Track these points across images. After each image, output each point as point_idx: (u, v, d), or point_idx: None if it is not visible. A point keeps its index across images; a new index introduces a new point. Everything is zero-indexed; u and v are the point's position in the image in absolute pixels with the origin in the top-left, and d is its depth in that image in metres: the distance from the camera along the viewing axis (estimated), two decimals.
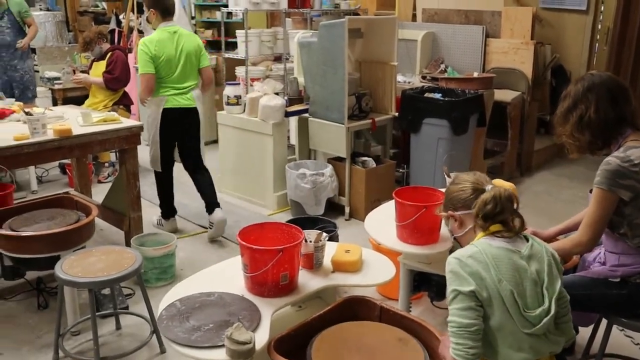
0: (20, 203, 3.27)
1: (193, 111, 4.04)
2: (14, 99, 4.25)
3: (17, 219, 2.99)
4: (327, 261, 2.33)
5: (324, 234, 2.30)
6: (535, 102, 5.64)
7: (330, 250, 2.35)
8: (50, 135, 3.25)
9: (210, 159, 6.06)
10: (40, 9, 8.51)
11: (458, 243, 2.04)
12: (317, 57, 4.40)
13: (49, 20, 8.14)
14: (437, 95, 4.59)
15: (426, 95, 4.62)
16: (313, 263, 2.27)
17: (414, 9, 6.27)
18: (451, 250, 2.35)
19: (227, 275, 2.27)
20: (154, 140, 3.96)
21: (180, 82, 3.93)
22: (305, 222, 3.49)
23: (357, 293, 2.34)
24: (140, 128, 3.64)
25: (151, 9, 3.93)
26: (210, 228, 4.12)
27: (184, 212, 4.56)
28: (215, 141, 6.64)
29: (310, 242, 2.24)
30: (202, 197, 4.17)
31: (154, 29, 4.01)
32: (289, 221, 3.27)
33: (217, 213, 4.07)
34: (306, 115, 4.66)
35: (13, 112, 3.70)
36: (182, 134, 4.07)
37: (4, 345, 2.94)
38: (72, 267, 2.57)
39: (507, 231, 1.82)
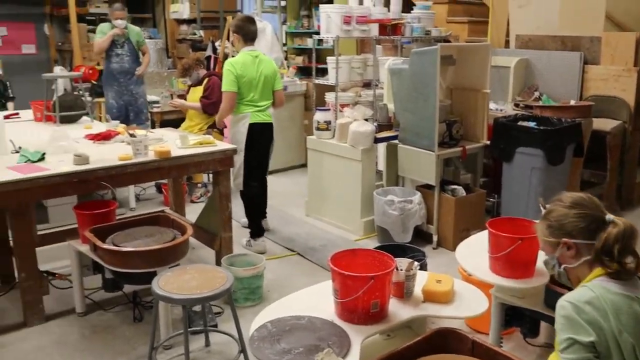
0: (121, 219, 3.44)
1: (271, 127, 4.37)
2: (117, 122, 4.51)
3: (119, 234, 3.14)
4: (417, 290, 2.30)
5: (416, 263, 2.28)
6: (638, 132, 5.35)
7: (421, 280, 2.32)
8: (151, 156, 3.42)
9: (297, 182, 6.21)
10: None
11: (559, 274, 1.87)
12: (407, 83, 4.40)
13: (150, 48, 8.61)
14: (532, 124, 4.45)
15: (520, 123, 4.49)
16: (403, 292, 2.25)
17: (507, 35, 6.15)
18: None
19: (317, 299, 2.29)
20: (239, 157, 4.19)
21: (259, 101, 4.26)
22: (392, 249, 3.45)
23: (445, 324, 2.29)
24: (234, 151, 3.76)
25: (235, 34, 4.29)
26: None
27: (272, 234, 4.65)
28: (303, 165, 6.77)
29: (402, 270, 2.22)
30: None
31: (237, 52, 4.31)
32: (377, 248, 3.26)
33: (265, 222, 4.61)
34: (395, 141, 4.65)
35: (118, 133, 3.93)
36: (261, 148, 4.36)
37: (103, 354, 3.09)
38: (167, 283, 2.67)
39: (625, 273, 1.65)
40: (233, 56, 6.30)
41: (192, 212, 4.62)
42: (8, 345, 3.16)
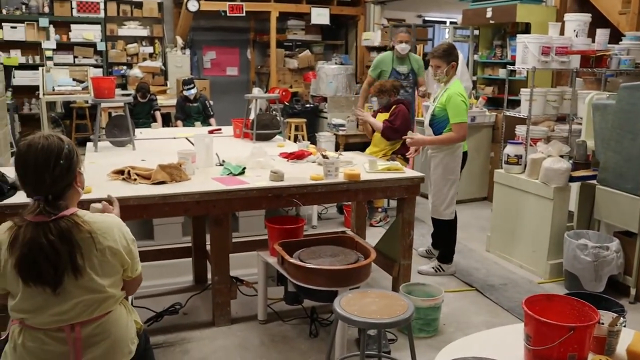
0: (308, 237, 3.58)
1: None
2: (309, 142, 4.71)
3: (305, 251, 3.27)
4: (620, 349, 2.07)
5: (622, 319, 2.05)
6: None
7: (625, 337, 2.08)
8: (341, 178, 3.53)
9: (478, 215, 6.01)
10: (335, 63, 9.42)
11: None
12: (613, 120, 4.06)
13: (341, 73, 8.98)
14: None
15: None
16: (604, 349, 2.04)
17: None
18: None
19: (503, 342, 2.16)
20: (453, 186, 4.26)
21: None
22: (584, 298, 3.14)
23: None
24: (421, 179, 3.74)
25: (453, 62, 4.21)
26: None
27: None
28: (484, 198, 6.55)
29: (603, 324, 2.02)
30: None
31: (444, 82, 4.23)
32: (568, 294, 3.02)
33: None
34: (592, 181, 4.30)
35: (310, 154, 4.11)
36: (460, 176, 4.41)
37: None
38: (348, 304, 2.70)
39: None
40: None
41: (371, 235, 4.67)
42: (198, 340, 3.42)
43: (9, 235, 1.85)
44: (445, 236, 4.44)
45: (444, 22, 11.24)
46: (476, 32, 7.40)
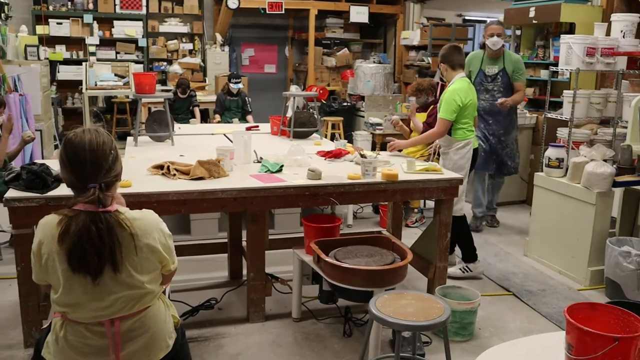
0: (344, 236, 3.57)
1: (477, 153, 4.40)
2: (346, 141, 4.68)
3: (341, 250, 3.26)
4: None
5: None
6: None
7: None
8: (378, 178, 3.51)
9: (517, 219, 5.91)
10: (373, 62, 9.38)
11: None
12: None
13: (378, 72, 8.94)
14: None
15: None
16: None
17: None
18: None
19: (543, 350, 2.11)
20: (461, 182, 4.10)
21: (472, 127, 4.24)
22: (627, 307, 3.07)
23: None
24: (460, 181, 3.69)
25: (442, 64, 4.27)
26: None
27: (487, 271, 4.47)
28: (524, 201, 6.44)
29: None
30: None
31: (448, 81, 4.26)
32: (610, 302, 2.94)
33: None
34: (637, 187, 4.18)
35: (348, 152, 4.10)
36: (469, 173, 4.37)
37: None
38: (384, 305, 2.69)
39: None
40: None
41: (406, 236, 4.63)
42: (232, 335, 3.45)
43: (58, 228, 1.88)
44: (459, 234, 4.32)
45: (485, 22, 11.06)
46: (518, 32, 7.26)
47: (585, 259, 4.26)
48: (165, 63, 9.84)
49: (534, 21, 6.52)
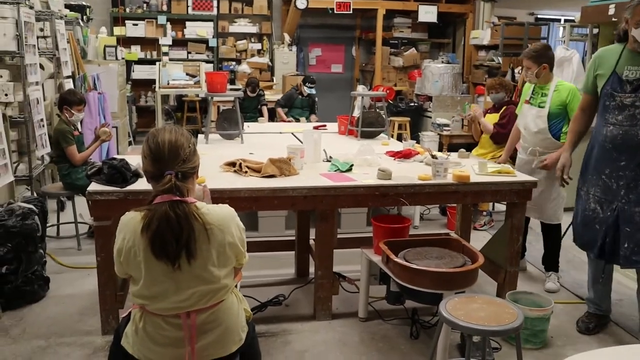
0: (413, 237, 3.54)
1: None
2: (414, 142, 4.63)
3: (410, 251, 3.23)
4: None
5: None
6: None
7: None
8: (449, 179, 3.46)
9: None
10: (442, 62, 9.25)
11: None
12: None
13: (447, 72, 8.81)
14: None
15: None
16: None
17: None
18: None
19: None
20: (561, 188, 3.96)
21: None
22: None
23: None
24: (534, 184, 3.59)
25: (544, 64, 3.96)
26: None
27: (561, 279, 4.32)
28: None
29: None
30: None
31: (542, 83, 4.02)
32: None
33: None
34: None
35: (418, 153, 4.06)
36: None
37: None
38: (455, 308, 2.65)
39: None
40: None
41: (475, 239, 4.54)
42: (299, 332, 3.48)
43: (141, 222, 1.95)
44: (554, 243, 4.23)
45: (559, 20, 10.72)
46: (595, 30, 6.99)
47: None
48: (234, 63, 10.04)
49: (613, 19, 6.25)
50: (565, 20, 10.16)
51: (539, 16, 10.59)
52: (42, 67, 5.64)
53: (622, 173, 3.13)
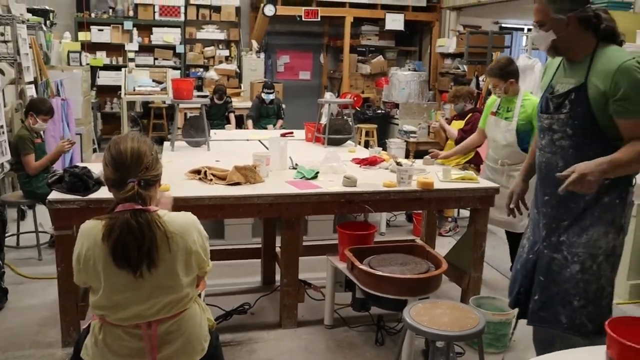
0: (378, 244, 3.56)
1: None
2: (380, 149, 4.67)
3: (375, 258, 3.25)
4: None
5: None
6: None
7: None
8: (414, 186, 3.49)
9: None
10: (409, 69, 9.35)
11: None
12: None
13: (413, 80, 8.91)
14: None
15: None
16: None
17: None
18: None
19: None
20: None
21: None
22: None
23: None
24: (496, 190, 3.64)
25: (511, 80, 3.98)
26: None
27: None
28: None
29: None
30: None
31: (510, 96, 4.04)
32: None
33: None
34: None
35: (383, 160, 4.09)
36: None
37: None
38: (418, 314, 2.66)
39: None
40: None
41: (440, 245, 4.59)
42: (265, 341, 3.47)
43: (102, 230, 1.93)
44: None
45: (522, 29, 10.94)
46: None
47: (624, 272, 4.15)
48: (201, 69, 9.97)
49: None
50: (529, 30, 10.37)
51: (503, 25, 10.78)
52: (2, 72, 5.52)
53: (545, 210, 2.52)
